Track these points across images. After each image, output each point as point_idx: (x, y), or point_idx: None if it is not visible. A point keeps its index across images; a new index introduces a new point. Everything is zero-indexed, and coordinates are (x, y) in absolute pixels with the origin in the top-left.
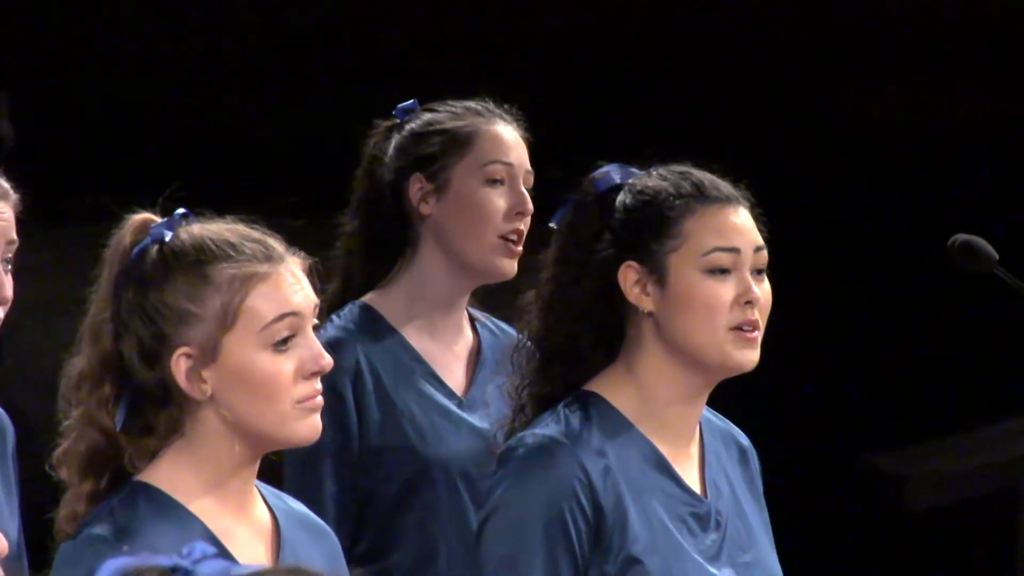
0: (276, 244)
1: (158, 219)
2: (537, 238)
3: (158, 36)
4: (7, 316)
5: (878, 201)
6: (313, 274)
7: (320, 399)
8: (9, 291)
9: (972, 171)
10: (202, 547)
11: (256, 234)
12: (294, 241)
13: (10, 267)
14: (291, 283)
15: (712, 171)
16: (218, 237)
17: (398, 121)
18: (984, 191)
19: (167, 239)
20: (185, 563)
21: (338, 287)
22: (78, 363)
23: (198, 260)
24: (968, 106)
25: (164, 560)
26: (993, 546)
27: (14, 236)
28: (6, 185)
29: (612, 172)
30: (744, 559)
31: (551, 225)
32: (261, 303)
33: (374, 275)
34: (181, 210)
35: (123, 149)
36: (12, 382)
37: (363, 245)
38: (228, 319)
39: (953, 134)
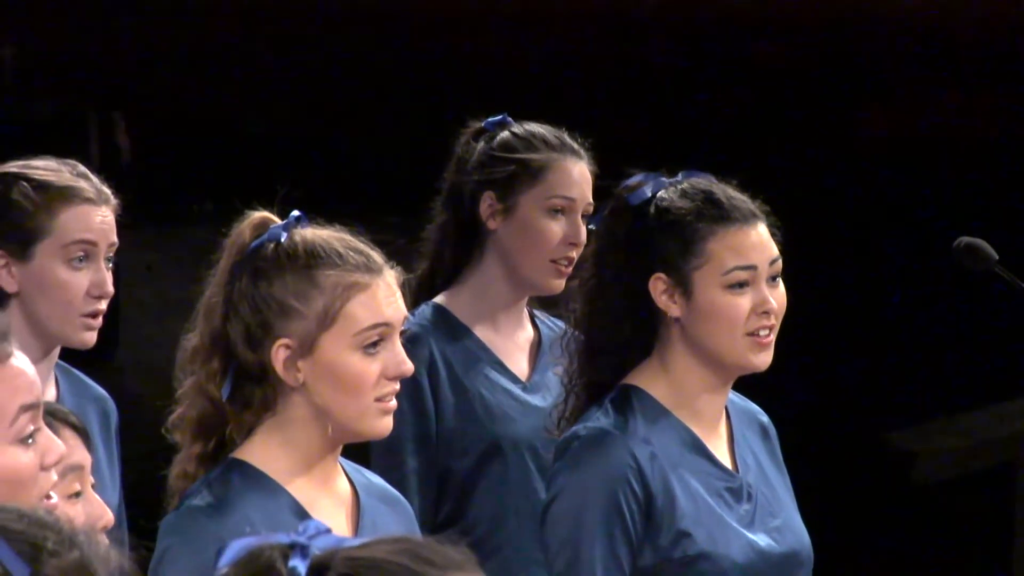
0: (377, 257)
1: (276, 219)
2: None
3: (257, 64)
4: (124, 312)
5: (890, 204)
6: (406, 288)
7: (394, 402)
8: (111, 286)
9: (975, 180)
10: (316, 524)
11: (360, 245)
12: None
13: (111, 265)
14: (386, 295)
15: (732, 185)
16: (327, 244)
17: (485, 131)
18: (986, 198)
19: (282, 239)
20: (302, 539)
21: (427, 269)
22: (192, 339)
23: (307, 263)
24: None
25: (283, 537)
26: (992, 513)
27: (115, 238)
28: (108, 191)
29: (645, 185)
30: (774, 524)
31: (590, 227)
32: (358, 310)
33: (460, 261)
34: (296, 213)
35: (223, 162)
36: (128, 371)
37: (451, 234)
38: (327, 320)
39: (961, 148)
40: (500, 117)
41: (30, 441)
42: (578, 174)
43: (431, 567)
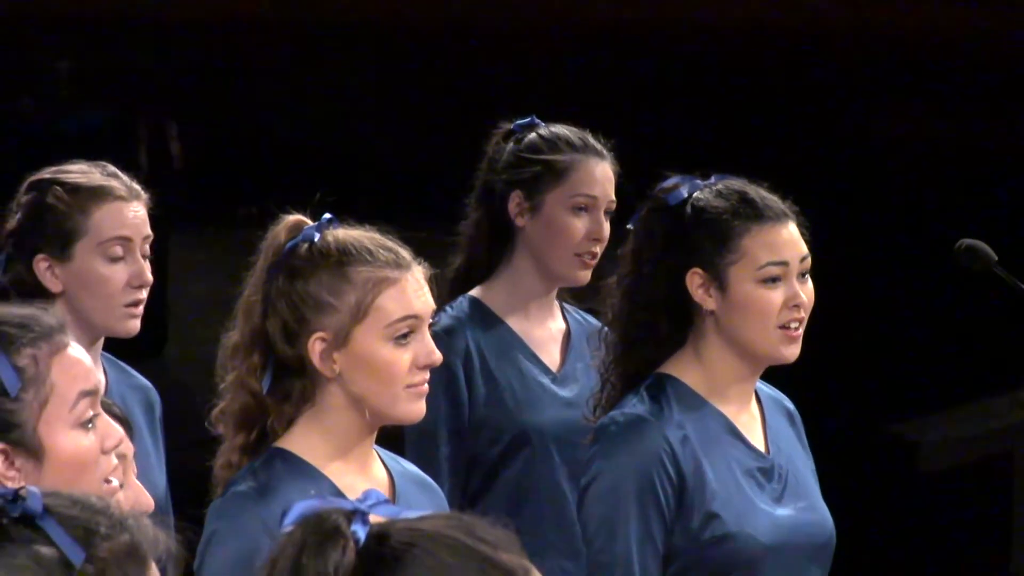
0: (405, 253)
1: (309, 221)
2: None
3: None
4: (174, 308)
5: (896, 207)
6: (433, 282)
7: (426, 386)
8: (149, 276)
9: (977, 186)
10: (376, 494)
11: (389, 243)
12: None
13: (148, 257)
14: (415, 289)
15: (763, 187)
16: (358, 243)
17: (513, 133)
18: (986, 203)
19: (316, 239)
20: (363, 507)
21: (462, 264)
22: (233, 336)
23: (340, 261)
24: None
25: (346, 504)
26: (992, 499)
27: (149, 231)
28: (138, 187)
29: (681, 186)
30: (802, 504)
31: (628, 227)
32: (389, 304)
33: (494, 255)
34: (328, 215)
35: (267, 168)
36: (178, 364)
37: (484, 231)
38: (360, 313)
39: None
40: (528, 119)
41: (90, 426)
42: (600, 173)
43: (484, 544)
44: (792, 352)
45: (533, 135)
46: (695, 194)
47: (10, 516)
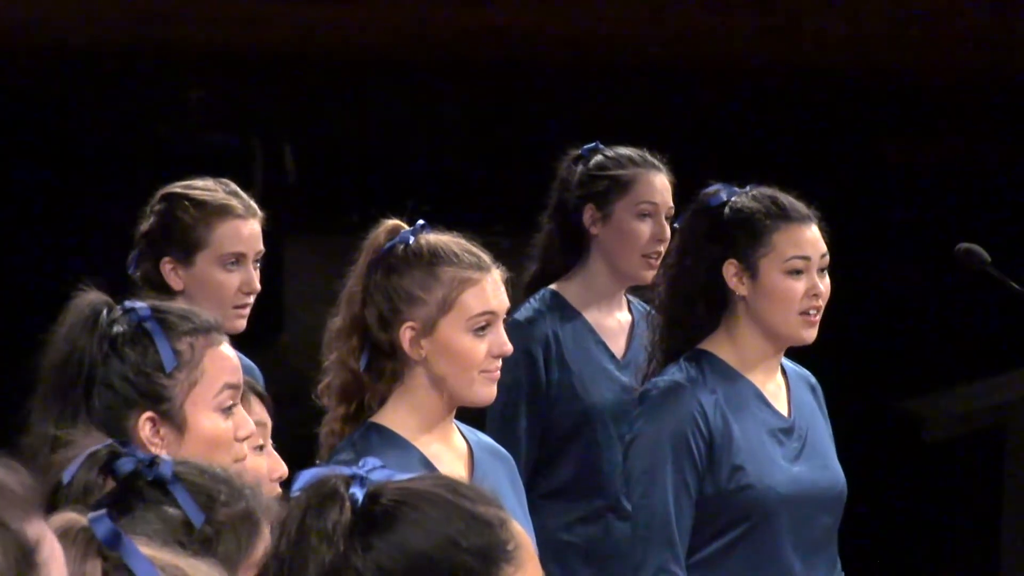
0: (486, 257)
1: (405, 226)
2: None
3: (395, 107)
4: (288, 303)
5: (905, 214)
6: (508, 284)
7: (498, 373)
8: (257, 284)
9: (975, 197)
10: (373, 461)
11: (473, 247)
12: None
13: (258, 266)
14: (493, 288)
15: (791, 194)
16: (446, 246)
17: (582, 156)
18: (983, 212)
19: (410, 241)
20: (361, 472)
21: (537, 270)
22: (336, 322)
23: (430, 261)
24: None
25: (346, 470)
26: (987, 466)
27: (261, 247)
28: (255, 205)
29: (721, 191)
30: (818, 462)
31: (675, 226)
32: (470, 300)
33: (566, 262)
34: (421, 221)
35: (369, 183)
36: (291, 350)
37: (557, 241)
38: (445, 307)
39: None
40: (593, 144)
41: (229, 413)
42: (659, 183)
43: (465, 499)
44: (810, 335)
45: (599, 156)
46: (733, 198)
47: (145, 479)
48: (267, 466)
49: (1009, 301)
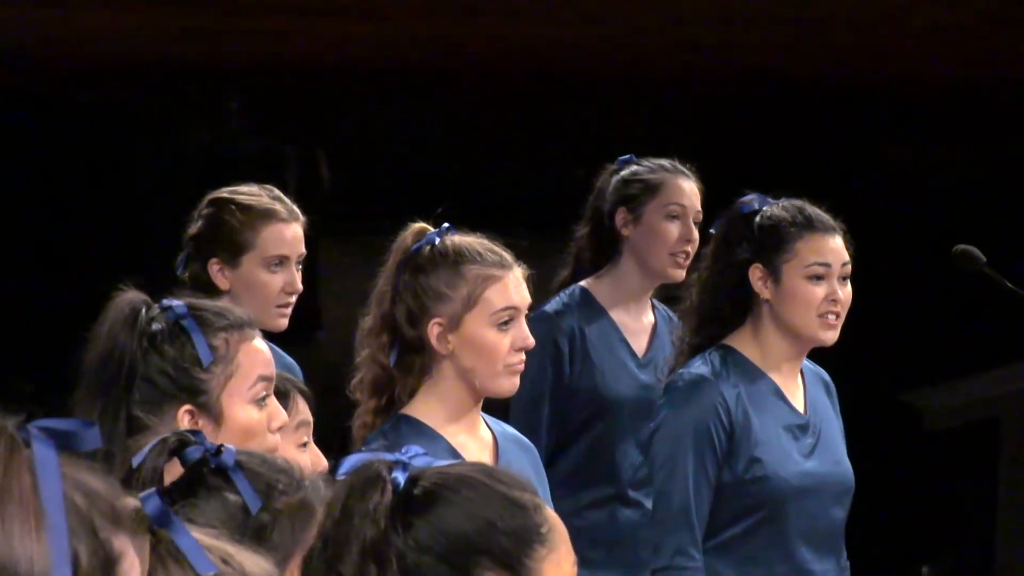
0: (508, 256)
1: (431, 228)
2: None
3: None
4: (326, 301)
5: (906, 218)
6: (530, 281)
7: (521, 366)
8: (299, 285)
9: (971, 202)
10: (415, 448)
11: (496, 247)
12: (520, 255)
13: (300, 267)
14: (515, 285)
15: (819, 206)
16: (470, 246)
17: (618, 168)
18: (979, 215)
19: (436, 243)
20: (404, 458)
21: (569, 272)
22: (367, 320)
23: (455, 260)
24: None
25: (389, 455)
26: (983, 454)
27: (303, 248)
28: (297, 210)
29: (755, 200)
30: (829, 457)
31: (711, 232)
32: (494, 296)
33: (596, 264)
34: (446, 224)
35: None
36: (329, 346)
37: (589, 245)
38: (471, 303)
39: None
40: (628, 156)
41: (262, 404)
42: (688, 188)
43: (501, 484)
44: (830, 336)
45: (633, 166)
46: (764, 207)
47: (209, 466)
48: (312, 462)
49: (1004, 300)
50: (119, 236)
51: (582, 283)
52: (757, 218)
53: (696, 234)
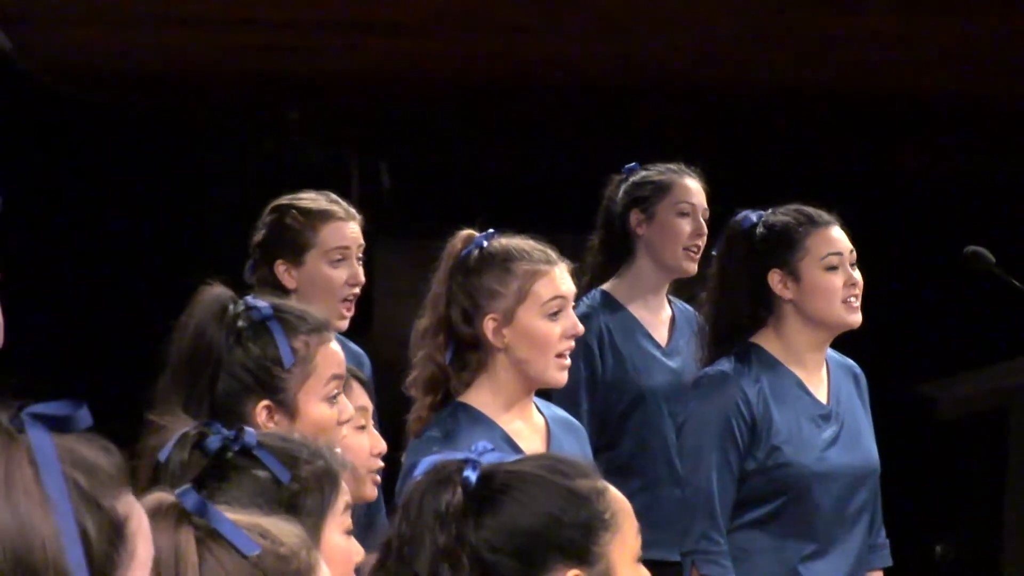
0: (553, 253)
1: (477, 233)
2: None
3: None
4: (381, 298)
5: (919, 219)
6: (574, 274)
7: (569, 360)
8: (362, 277)
9: (981, 205)
10: (484, 444)
11: (541, 245)
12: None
13: (362, 261)
14: (562, 277)
15: (842, 209)
16: (517, 246)
17: (624, 176)
18: (989, 217)
19: (484, 246)
20: (474, 455)
21: (588, 280)
22: (422, 322)
23: (504, 259)
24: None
25: (460, 454)
26: (993, 443)
27: (362, 242)
28: (353, 210)
29: (749, 214)
30: (851, 443)
31: (713, 253)
32: (542, 288)
33: (610, 270)
34: (491, 230)
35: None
36: (383, 341)
37: (603, 249)
38: (521, 297)
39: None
40: (633, 164)
41: (334, 401)
42: (695, 186)
43: (562, 476)
44: (856, 319)
45: (641, 171)
46: (762, 218)
47: (234, 450)
48: (369, 443)
49: (1012, 298)
50: (187, 240)
51: (602, 287)
52: (759, 229)
53: (705, 229)
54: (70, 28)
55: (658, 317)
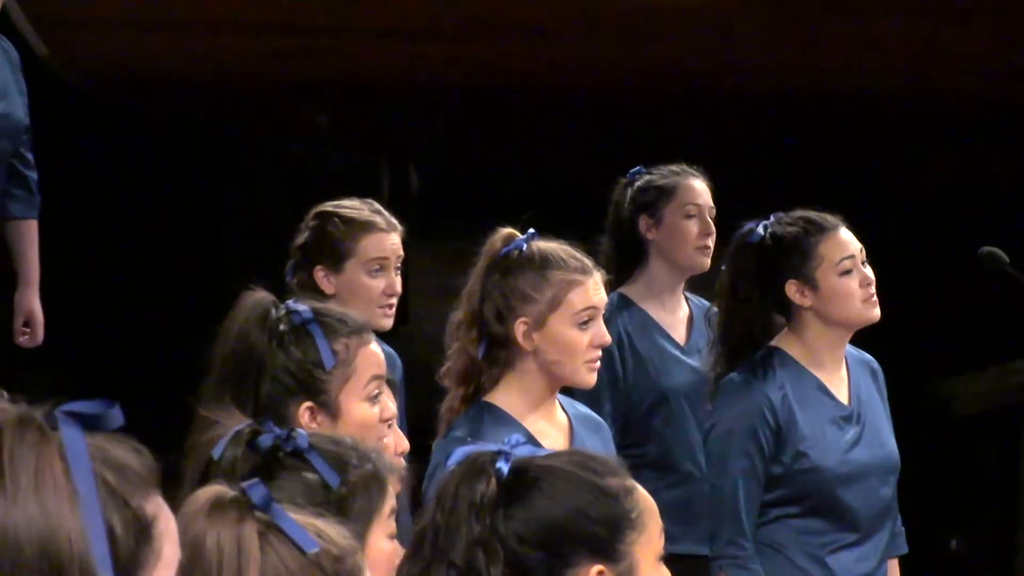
0: (589, 262)
1: (518, 234)
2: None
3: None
4: (413, 298)
5: (938, 221)
6: (608, 284)
7: (598, 363)
8: (399, 287)
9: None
10: (518, 437)
11: (578, 253)
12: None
13: (399, 271)
14: (595, 288)
15: (812, 209)
16: (555, 252)
17: (630, 180)
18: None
19: (524, 248)
20: (507, 448)
21: (604, 284)
22: (457, 315)
23: (541, 264)
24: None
25: (493, 446)
26: (1007, 438)
27: (401, 253)
28: (395, 221)
29: (755, 227)
30: (873, 442)
31: (722, 268)
32: (576, 299)
33: (622, 274)
34: (532, 230)
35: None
36: (416, 340)
37: (615, 254)
38: (555, 305)
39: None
40: (638, 168)
41: (375, 400)
42: (700, 187)
43: (592, 473)
44: (876, 313)
45: (646, 176)
46: (768, 230)
47: (284, 451)
48: (393, 442)
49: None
50: (218, 244)
51: (618, 290)
52: (768, 241)
53: (713, 227)
54: (102, 33)
55: (676, 316)
